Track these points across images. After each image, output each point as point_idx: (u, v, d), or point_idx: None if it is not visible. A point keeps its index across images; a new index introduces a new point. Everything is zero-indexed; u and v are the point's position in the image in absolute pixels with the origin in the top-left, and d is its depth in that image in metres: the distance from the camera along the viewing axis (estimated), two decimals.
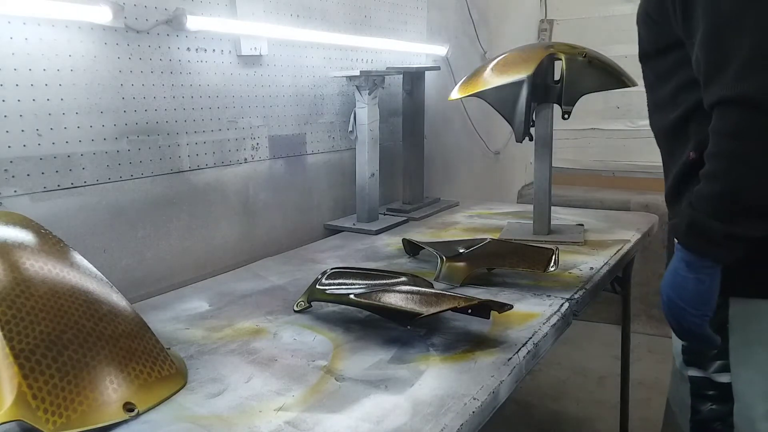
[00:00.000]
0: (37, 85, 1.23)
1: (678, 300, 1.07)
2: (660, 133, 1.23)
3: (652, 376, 2.71)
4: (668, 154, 1.21)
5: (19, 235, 0.96)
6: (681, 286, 1.06)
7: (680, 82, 1.11)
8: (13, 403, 0.78)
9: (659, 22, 1.12)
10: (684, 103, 1.11)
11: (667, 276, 1.09)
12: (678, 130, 1.14)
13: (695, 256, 1.03)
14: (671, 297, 1.08)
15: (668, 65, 1.14)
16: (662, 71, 1.17)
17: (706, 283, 1.03)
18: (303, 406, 0.91)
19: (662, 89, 1.17)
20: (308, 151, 1.98)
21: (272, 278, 1.54)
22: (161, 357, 0.98)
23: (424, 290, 1.19)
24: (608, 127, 3.68)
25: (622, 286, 1.98)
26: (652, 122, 1.25)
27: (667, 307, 1.10)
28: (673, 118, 1.14)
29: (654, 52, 1.17)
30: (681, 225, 1.04)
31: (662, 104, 1.18)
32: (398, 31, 2.37)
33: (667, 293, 1.09)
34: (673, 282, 1.07)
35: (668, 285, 1.09)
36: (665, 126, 1.18)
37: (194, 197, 1.60)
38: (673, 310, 1.08)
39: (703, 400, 1.18)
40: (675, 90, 1.13)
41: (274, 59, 1.80)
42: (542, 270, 1.40)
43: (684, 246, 1.04)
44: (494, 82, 1.74)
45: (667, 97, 1.16)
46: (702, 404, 1.18)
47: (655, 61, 1.18)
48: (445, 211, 2.32)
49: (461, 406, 0.90)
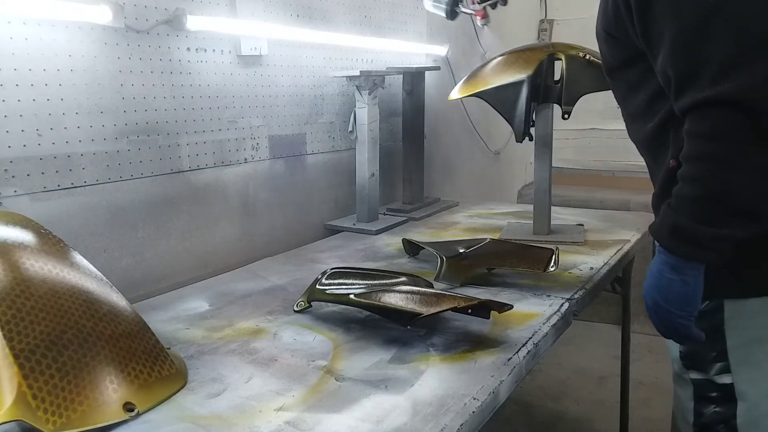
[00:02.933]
0: (37, 85, 1.23)
1: (663, 302, 1.05)
2: (640, 144, 1.22)
3: (652, 376, 2.71)
4: (653, 162, 1.20)
5: (19, 235, 0.96)
6: (666, 288, 1.04)
7: (652, 91, 1.10)
8: (13, 403, 0.78)
9: (618, 38, 1.12)
10: (659, 111, 1.10)
11: (650, 279, 1.07)
12: (657, 139, 1.13)
13: (682, 259, 1.01)
14: (656, 300, 1.06)
15: (637, 76, 1.13)
16: (631, 83, 1.16)
17: (691, 283, 1.02)
18: (303, 406, 0.91)
19: (635, 99, 1.17)
20: (308, 151, 1.98)
21: (272, 278, 1.54)
22: (161, 357, 0.98)
23: (424, 290, 1.19)
24: (608, 127, 3.68)
25: (622, 286, 1.98)
26: (630, 133, 1.24)
27: (653, 311, 1.08)
28: (650, 128, 1.13)
29: (619, 65, 1.17)
30: (663, 229, 1.02)
31: (637, 115, 1.18)
32: (398, 31, 2.37)
33: (651, 296, 1.07)
34: (658, 285, 1.05)
35: (653, 288, 1.07)
36: (644, 136, 1.17)
37: (194, 197, 1.60)
38: (659, 312, 1.07)
39: (706, 402, 1.17)
40: (648, 99, 1.12)
41: (274, 59, 1.80)
42: (542, 270, 1.40)
43: (668, 250, 1.02)
44: (494, 82, 1.74)
45: (641, 107, 1.15)
46: (705, 407, 1.17)
47: (623, 73, 1.18)
48: (445, 211, 2.32)
49: (461, 406, 0.90)
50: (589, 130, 3.73)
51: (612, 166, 3.71)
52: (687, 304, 1.04)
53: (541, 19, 3.82)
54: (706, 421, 1.17)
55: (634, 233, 1.89)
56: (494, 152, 3.36)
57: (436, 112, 2.69)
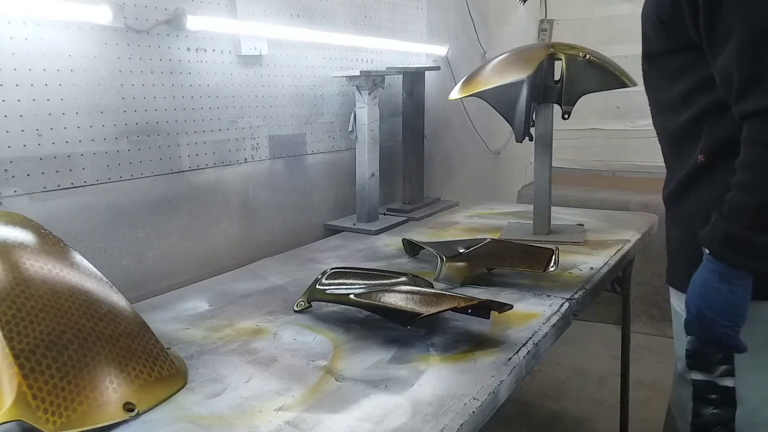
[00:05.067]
0: (37, 85, 1.23)
1: (708, 311, 1.04)
2: (666, 134, 1.20)
3: (652, 376, 2.71)
4: (674, 156, 1.19)
5: (19, 235, 0.96)
6: (713, 297, 1.03)
7: (693, 82, 1.09)
8: (13, 403, 0.78)
9: (671, 26, 1.10)
10: (697, 104, 1.09)
11: (696, 288, 1.06)
12: (688, 132, 1.12)
13: (731, 268, 1.00)
14: (701, 309, 1.05)
15: (678, 65, 1.12)
16: (671, 71, 1.14)
17: (739, 294, 1.01)
18: (303, 406, 0.91)
19: (670, 90, 1.15)
20: (308, 151, 1.98)
21: (272, 278, 1.54)
22: (161, 357, 0.98)
23: (424, 290, 1.19)
24: (608, 127, 3.68)
25: (622, 286, 1.98)
26: (656, 123, 1.23)
27: (697, 320, 1.06)
28: (683, 120, 1.12)
29: (663, 51, 1.15)
30: (715, 237, 1.01)
31: (670, 104, 1.16)
32: (398, 31, 2.37)
33: (696, 305, 1.06)
34: (703, 293, 1.04)
35: (698, 296, 1.05)
36: (674, 127, 1.16)
37: (194, 197, 1.60)
38: (703, 321, 1.05)
39: (705, 404, 1.17)
40: (686, 91, 1.11)
41: (274, 59, 1.80)
42: (542, 270, 1.40)
43: (718, 258, 1.01)
44: (494, 82, 1.74)
45: (677, 98, 1.13)
46: (704, 408, 1.17)
47: (662, 61, 1.16)
48: (445, 211, 2.32)
49: (461, 406, 0.90)
50: (589, 130, 3.73)
51: (612, 166, 3.70)
52: (734, 315, 1.02)
53: (541, 19, 3.82)
54: (704, 422, 1.17)
55: (634, 233, 1.89)
56: (494, 152, 3.36)
57: (436, 112, 2.69)
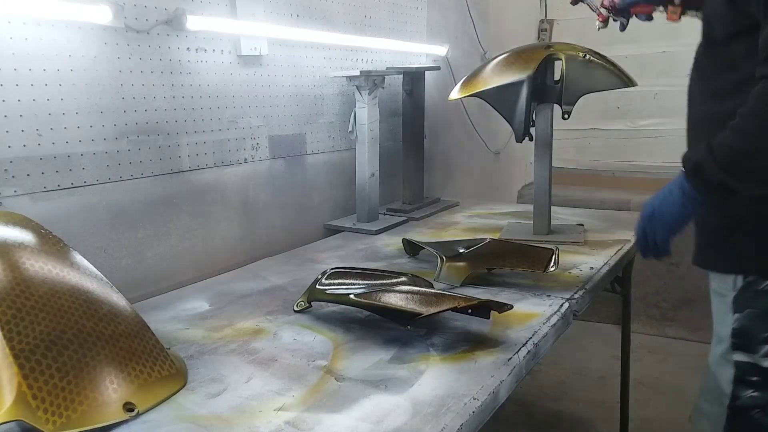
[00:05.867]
0: (37, 85, 1.23)
1: (659, 216, 1.20)
2: (708, 122, 1.22)
3: (652, 376, 2.71)
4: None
5: (19, 235, 0.96)
6: (669, 204, 1.18)
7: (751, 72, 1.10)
8: (13, 403, 0.78)
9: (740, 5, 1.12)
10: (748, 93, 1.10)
11: (660, 194, 1.21)
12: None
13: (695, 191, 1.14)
14: (654, 212, 1.21)
15: (737, 53, 1.14)
16: (728, 59, 1.17)
17: (689, 210, 1.17)
18: (303, 406, 0.91)
19: (724, 78, 1.18)
20: (308, 151, 1.98)
21: (272, 278, 1.54)
22: (161, 357, 0.98)
23: (424, 290, 1.19)
24: (608, 127, 3.68)
25: (622, 286, 1.98)
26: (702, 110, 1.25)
27: (648, 220, 1.22)
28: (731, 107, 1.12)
29: (727, 36, 1.16)
30: (690, 160, 1.13)
31: (723, 92, 1.18)
32: (398, 31, 2.37)
33: (653, 206, 1.21)
34: (664, 200, 1.19)
35: (659, 200, 1.21)
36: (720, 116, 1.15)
37: (194, 197, 1.60)
38: (651, 223, 1.21)
39: (745, 386, 1.19)
40: (742, 79, 1.12)
41: (274, 59, 1.80)
42: (542, 270, 1.40)
43: (687, 178, 1.15)
44: (494, 82, 1.74)
45: (731, 86, 1.16)
46: (743, 390, 1.20)
47: (725, 47, 1.17)
48: (445, 211, 2.32)
49: (461, 406, 0.90)
50: (589, 130, 3.73)
51: (612, 166, 3.70)
52: (677, 223, 1.19)
53: (541, 19, 3.82)
54: (742, 404, 1.19)
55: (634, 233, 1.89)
56: (494, 152, 3.36)
57: (436, 112, 2.69)
